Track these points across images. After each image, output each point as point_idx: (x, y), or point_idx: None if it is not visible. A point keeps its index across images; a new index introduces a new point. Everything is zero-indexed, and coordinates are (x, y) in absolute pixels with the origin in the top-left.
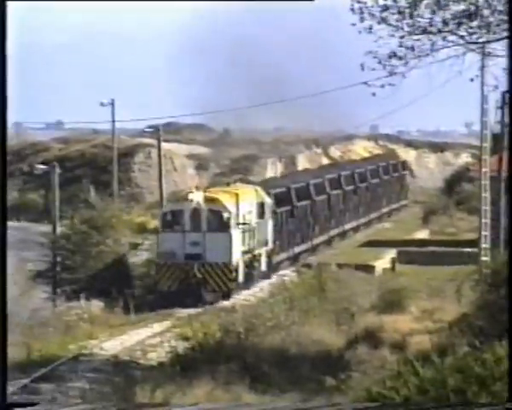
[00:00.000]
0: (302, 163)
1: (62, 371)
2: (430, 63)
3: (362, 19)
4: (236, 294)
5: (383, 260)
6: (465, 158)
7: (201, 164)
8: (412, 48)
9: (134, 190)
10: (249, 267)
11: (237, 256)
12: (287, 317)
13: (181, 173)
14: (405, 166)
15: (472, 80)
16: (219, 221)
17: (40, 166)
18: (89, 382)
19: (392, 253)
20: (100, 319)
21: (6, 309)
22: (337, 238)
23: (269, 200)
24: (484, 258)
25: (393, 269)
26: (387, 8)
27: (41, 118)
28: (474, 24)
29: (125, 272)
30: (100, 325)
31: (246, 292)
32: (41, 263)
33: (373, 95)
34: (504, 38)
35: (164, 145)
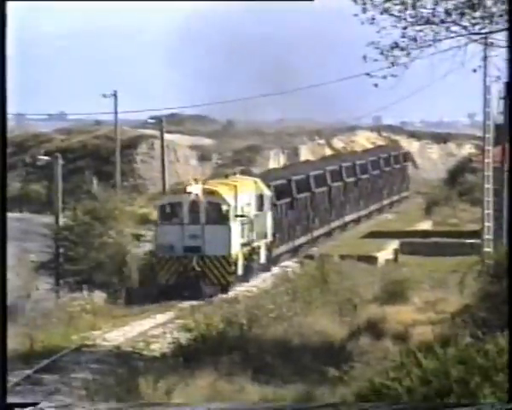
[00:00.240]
0: (305, 154)
1: (65, 362)
2: (433, 54)
3: (364, 9)
4: (237, 286)
5: (386, 251)
6: (468, 149)
7: (204, 155)
8: (415, 38)
9: (137, 182)
10: (248, 260)
11: (236, 249)
12: (289, 308)
13: (184, 164)
14: (407, 157)
15: (475, 71)
16: (218, 214)
17: (43, 157)
18: (92, 373)
19: (394, 244)
20: (103, 310)
21: (6, 311)
22: (337, 231)
23: (268, 192)
24: (487, 249)
25: (396, 260)
26: None
27: (43, 109)
28: (477, 14)
29: (128, 264)
30: (103, 316)
31: (248, 283)
32: (44, 254)
33: (375, 86)
34: (507, 29)
35: (167, 136)
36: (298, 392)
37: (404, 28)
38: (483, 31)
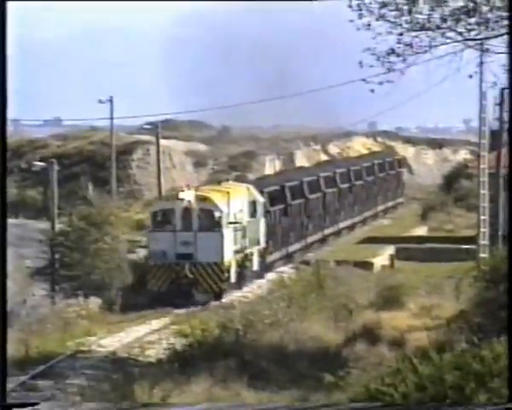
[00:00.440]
0: (300, 160)
1: (61, 367)
2: (428, 60)
3: (360, 15)
4: (230, 293)
5: (382, 256)
6: (463, 155)
7: (200, 161)
8: (410, 45)
9: (132, 187)
10: (241, 267)
11: (229, 256)
12: (285, 314)
13: (179, 170)
14: (401, 163)
15: (470, 77)
16: (211, 220)
17: (38, 163)
18: (87, 379)
19: (390, 249)
20: (98, 316)
21: (6, 313)
22: (332, 237)
23: (261, 198)
24: (482, 255)
25: (392, 266)
26: (386, 4)
27: (39, 115)
28: (473, 20)
29: (123, 270)
30: (98, 322)
31: (244, 289)
32: (39, 260)
33: (371, 92)
34: (503, 35)
35: (162, 142)
36: (293, 398)
37: (400, 34)
38: (479, 37)
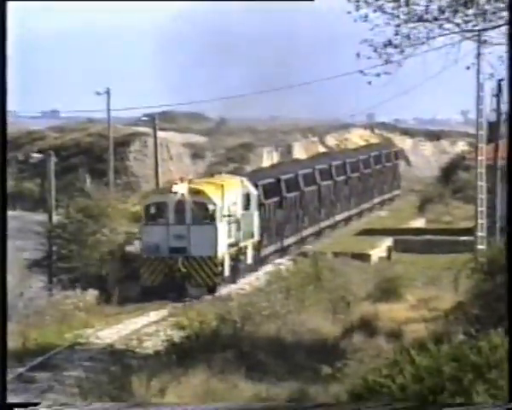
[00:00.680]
0: (298, 152)
1: (58, 359)
2: (426, 51)
3: (357, 7)
4: (224, 287)
5: (379, 248)
6: (461, 146)
7: (197, 153)
8: (408, 36)
9: (130, 179)
10: (235, 260)
11: (223, 250)
12: (282, 306)
13: (177, 162)
14: (398, 155)
15: (468, 68)
16: (204, 213)
17: (36, 154)
18: (85, 371)
19: (388, 241)
20: (95, 309)
21: (6, 313)
22: (327, 230)
23: (254, 191)
24: (480, 246)
25: (389, 258)
26: None
27: (36, 107)
28: (470, 12)
29: (121, 261)
30: (95, 314)
31: (242, 281)
32: (37, 252)
33: (369, 83)
34: (500, 26)
35: (160, 134)
36: (291, 390)
37: (398, 26)
38: (476, 28)
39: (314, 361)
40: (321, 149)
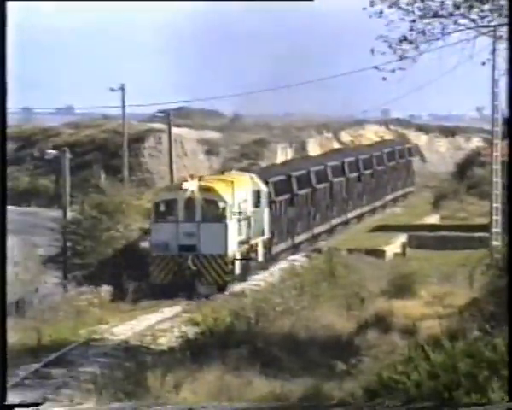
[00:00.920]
0: (313, 148)
1: (73, 355)
2: (441, 47)
3: (372, 3)
4: (233, 285)
5: (394, 244)
6: (476, 142)
7: (212, 149)
8: (423, 32)
9: (144, 176)
10: (245, 258)
11: (233, 247)
12: (297, 302)
13: (191, 158)
14: (411, 151)
15: (483, 64)
16: (214, 211)
17: (51, 151)
18: (100, 367)
19: (402, 238)
20: (109, 305)
21: (6, 314)
22: (339, 227)
23: (265, 188)
24: (495, 242)
25: (404, 254)
26: None
27: (51, 103)
28: (486, 7)
29: (135, 258)
30: (109, 310)
31: (256, 277)
32: (52, 248)
33: (384, 79)
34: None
35: (174, 130)
36: (306, 386)
37: (413, 21)
38: (492, 24)
39: (328, 358)
40: (335, 146)
